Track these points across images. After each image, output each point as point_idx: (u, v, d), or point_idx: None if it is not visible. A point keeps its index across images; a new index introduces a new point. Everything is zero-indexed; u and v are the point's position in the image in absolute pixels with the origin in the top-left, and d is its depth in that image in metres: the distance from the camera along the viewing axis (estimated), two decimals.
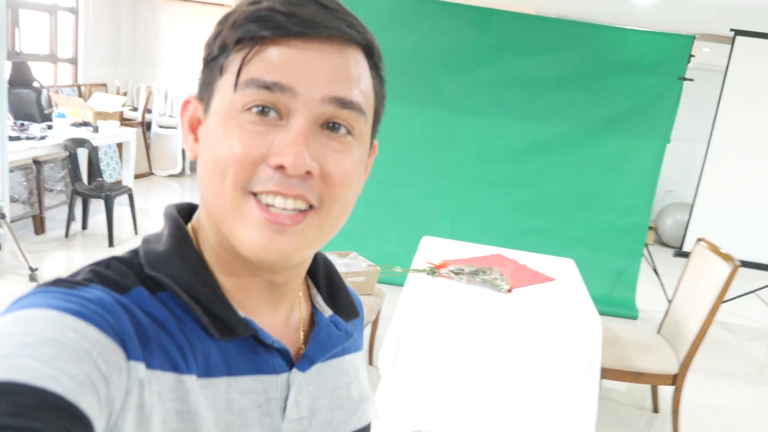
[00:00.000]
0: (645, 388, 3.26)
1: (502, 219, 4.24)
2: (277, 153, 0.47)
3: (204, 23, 7.25)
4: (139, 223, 4.98)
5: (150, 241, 0.54)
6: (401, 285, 2.76)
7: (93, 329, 0.42)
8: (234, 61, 0.49)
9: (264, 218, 0.48)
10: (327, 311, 0.62)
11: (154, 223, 5.15)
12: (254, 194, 0.49)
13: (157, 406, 0.46)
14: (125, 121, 6.24)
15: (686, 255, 6.37)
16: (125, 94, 7.03)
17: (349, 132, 0.51)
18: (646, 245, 4.48)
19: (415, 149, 4.27)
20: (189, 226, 0.56)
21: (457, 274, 2.71)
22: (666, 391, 3.27)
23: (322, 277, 0.65)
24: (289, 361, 0.56)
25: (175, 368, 0.47)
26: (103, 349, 0.42)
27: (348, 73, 0.50)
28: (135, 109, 6.83)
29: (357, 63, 0.51)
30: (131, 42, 7.38)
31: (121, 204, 5.02)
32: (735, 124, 4.18)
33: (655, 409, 3.06)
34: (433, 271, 2.74)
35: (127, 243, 4.51)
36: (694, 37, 4.17)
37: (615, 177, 4.16)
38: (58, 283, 0.46)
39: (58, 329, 0.41)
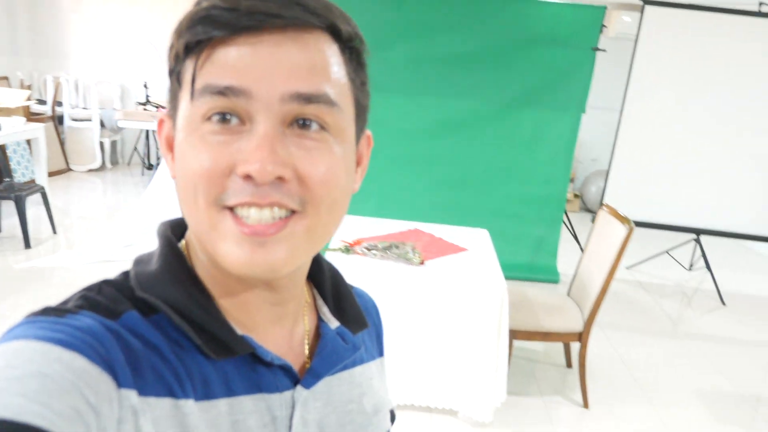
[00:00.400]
0: (560, 347, 3.49)
1: (424, 195, 4.39)
2: (243, 161, 0.45)
3: (110, 7, 7.00)
4: (60, 222, 4.88)
5: (141, 262, 0.53)
6: None
7: (80, 359, 0.41)
8: (187, 69, 0.47)
9: (241, 232, 0.46)
10: (333, 323, 0.61)
11: (76, 221, 5.05)
12: (230, 208, 0.47)
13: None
14: (34, 116, 6.04)
15: (591, 211, 6.69)
16: (29, 87, 6.77)
17: (322, 127, 0.48)
18: (566, 213, 4.73)
19: None
20: (183, 243, 0.55)
21: (370, 250, 2.83)
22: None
23: (329, 287, 0.63)
24: (293, 377, 0.54)
25: (170, 393, 0.46)
26: (92, 379, 0.41)
27: (309, 63, 0.47)
28: (43, 102, 6.60)
29: (320, 50, 0.48)
30: (31, 30, 7.03)
31: (37, 203, 4.90)
32: (646, 92, 4.43)
33: (568, 365, 3.29)
34: (348, 249, 2.86)
35: (45, 243, 4.43)
36: (605, 8, 4.37)
37: (533, 149, 4.36)
38: (47, 312, 0.45)
39: (43, 361, 0.40)
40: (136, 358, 0.46)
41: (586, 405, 2.92)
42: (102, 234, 4.74)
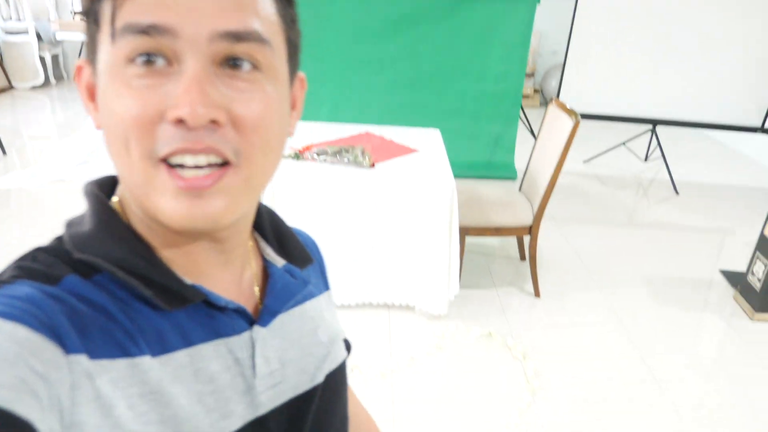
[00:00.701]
0: (515, 241, 3.62)
1: (378, 97, 4.34)
2: (173, 105, 0.43)
3: None
4: (10, 143, 4.75)
5: (73, 224, 0.51)
6: None
7: (22, 329, 0.40)
8: (105, 8, 0.44)
9: (177, 186, 0.45)
10: (279, 261, 0.61)
11: (27, 141, 4.91)
12: (165, 161, 0.45)
13: (116, 393, 0.44)
14: None
15: None
16: None
17: (255, 67, 0.46)
18: (523, 109, 4.74)
19: None
20: (115, 200, 0.53)
21: (320, 155, 2.84)
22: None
23: (269, 228, 0.63)
24: (248, 318, 0.54)
25: (125, 353, 0.45)
26: (36, 348, 0.40)
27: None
28: None
29: None
30: None
31: None
32: None
33: (522, 257, 3.43)
34: (298, 156, 2.86)
35: None
36: None
37: (486, 44, 4.29)
38: None
39: None
40: (82, 321, 0.44)
41: (537, 294, 3.08)
42: (55, 153, 4.64)
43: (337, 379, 0.63)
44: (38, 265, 0.47)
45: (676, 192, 4.72)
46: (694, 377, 2.57)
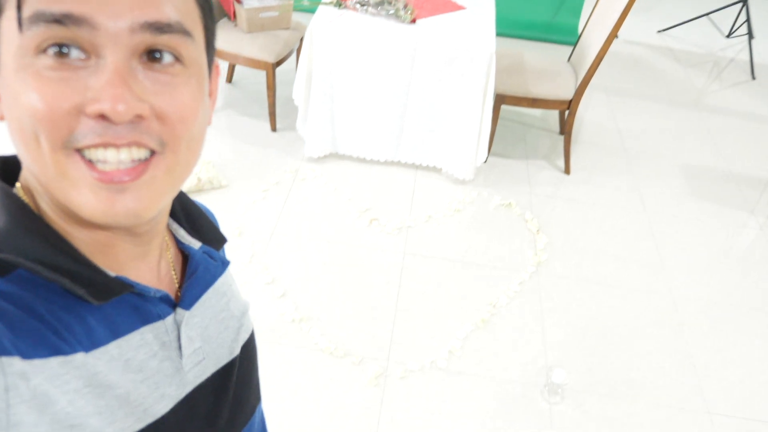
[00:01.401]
0: (556, 113, 3.57)
1: None
2: (94, 99, 0.41)
3: None
4: None
5: None
6: None
7: None
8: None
9: (94, 178, 0.43)
10: (195, 243, 0.61)
11: None
12: (79, 151, 0.43)
13: (54, 390, 0.43)
14: None
15: None
16: None
17: (177, 59, 0.45)
18: None
19: None
20: (18, 189, 0.50)
21: (362, 5, 2.80)
22: (579, 116, 3.60)
23: (179, 210, 0.62)
24: (170, 303, 0.55)
25: (57, 351, 0.44)
26: None
27: None
28: None
29: None
30: None
31: None
32: None
33: (562, 132, 3.41)
34: (340, 4, 2.82)
35: None
36: None
37: None
38: None
39: None
40: (11, 321, 0.42)
41: (567, 171, 3.11)
42: None
43: (250, 349, 0.67)
44: None
45: (753, 76, 4.41)
46: (704, 272, 2.65)
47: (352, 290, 2.34)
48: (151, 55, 0.44)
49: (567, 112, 2.97)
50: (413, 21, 2.74)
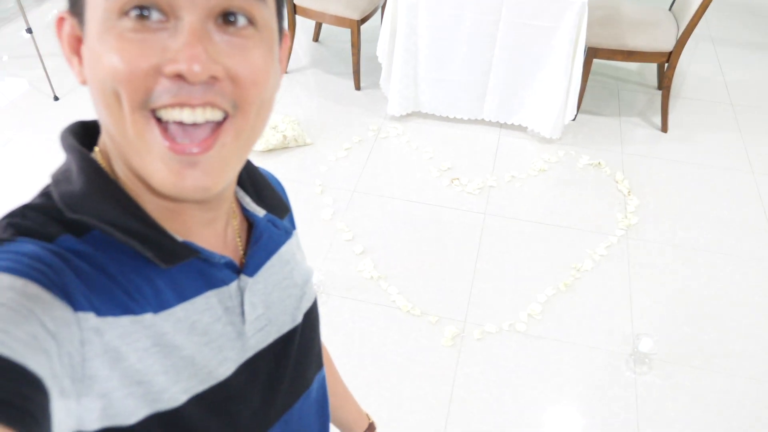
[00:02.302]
0: (654, 66, 3.26)
1: None
2: (172, 60, 0.42)
3: None
4: None
5: (61, 182, 0.49)
6: None
7: (33, 286, 0.40)
8: None
9: (166, 147, 0.43)
10: (260, 211, 0.61)
11: None
12: (158, 119, 0.44)
13: (125, 347, 0.45)
14: None
15: None
16: None
17: (250, 23, 0.45)
18: None
19: None
20: (96, 152, 0.51)
21: None
22: (680, 69, 3.27)
23: (245, 178, 0.63)
24: (235, 268, 0.55)
25: (127, 311, 0.46)
26: (47, 305, 0.40)
27: None
28: None
29: None
30: None
31: None
32: None
33: (660, 86, 3.11)
34: None
35: None
36: None
37: None
38: None
39: None
40: (87, 279, 0.44)
41: (664, 128, 2.85)
42: None
43: (312, 317, 0.66)
44: (30, 223, 0.46)
45: None
46: None
47: (431, 249, 2.27)
48: (226, 18, 0.44)
49: (666, 65, 2.70)
50: None
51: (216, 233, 0.55)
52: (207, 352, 0.52)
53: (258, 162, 2.82)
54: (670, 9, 2.85)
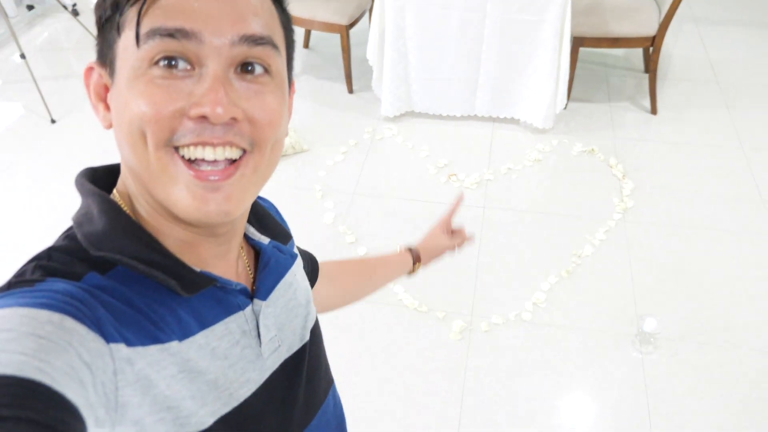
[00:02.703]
0: (640, 51, 3.28)
1: None
2: (197, 103, 0.46)
3: None
4: None
5: (83, 224, 0.52)
6: None
7: (69, 320, 0.42)
8: (131, 16, 0.47)
9: (191, 176, 0.47)
10: (265, 239, 0.64)
11: None
12: (178, 152, 0.48)
13: (154, 375, 0.47)
14: None
15: None
16: None
17: (266, 71, 0.50)
18: None
19: None
20: (115, 194, 0.55)
21: None
22: (665, 51, 3.29)
23: (248, 210, 0.65)
24: (248, 294, 0.58)
25: (155, 340, 0.48)
26: (82, 338, 0.42)
27: (253, 7, 0.48)
28: None
29: None
30: None
31: None
32: None
33: (646, 70, 3.14)
34: None
35: None
36: None
37: None
38: (14, 284, 0.46)
39: (34, 324, 0.41)
40: (115, 312, 0.47)
41: (654, 111, 2.87)
42: None
43: (317, 333, 0.69)
44: (57, 264, 0.48)
45: None
46: None
47: None
48: (245, 67, 0.49)
49: (651, 49, 2.72)
50: None
51: (229, 264, 0.59)
52: (230, 374, 0.54)
53: None
54: None
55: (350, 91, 3.09)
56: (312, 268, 0.82)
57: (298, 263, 0.69)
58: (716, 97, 2.99)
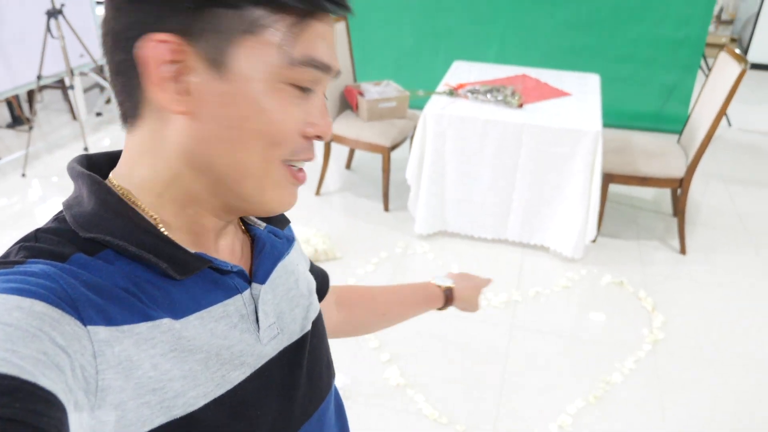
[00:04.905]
0: (668, 195, 3.36)
1: (548, 38, 4.15)
2: (313, 124, 0.51)
3: None
4: None
5: (73, 206, 0.50)
6: None
7: (40, 304, 0.41)
8: (277, 27, 0.47)
9: (295, 181, 0.53)
10: (261, 225, 0.63)
11: None
12: (285, 162, 0.52)
13: (141, 354, 0.45)
14: None
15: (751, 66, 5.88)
16: None
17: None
18: (704, 57, 4.25)
19: None
20: (111, 179, 0.53)
21: (472, 93, 2.86)
22: (694, 201, 3.36)
23: None
24: (246, 278, 0.57)
25: (146, 318, 0.46)
26: (55, 321, 0.41)
27: None
28: None
29: None
30: None
31: None
32: None
33: (675, 213, 3.19)
34: (452, 92, 2.91)
35: None
36: None
37: None
38: None
39: (2, 312, 0.39)
40: (101, 291, 0.45)
41: (683, 251, 2.88)
42: None
43: (320, 325, 0.67)
44: (43, 245, 0.47)
45: None
46: None
47: (458, 359, 2.23)
48: None
49: (679, 191, 2.79)
50: (520, 106, 2.76)
51: (226, 245, 0.58)
52: (225, 355, 0.52)
53: None
54: (678, 142, 3.00)
55: (386, 209, 3.20)
56: (322, 282, 0.80)
57: (296, 249, 0.69)
58: (745, 242, 3.00)
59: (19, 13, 3.78)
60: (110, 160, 0.56)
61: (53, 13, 3.71)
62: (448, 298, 0.99)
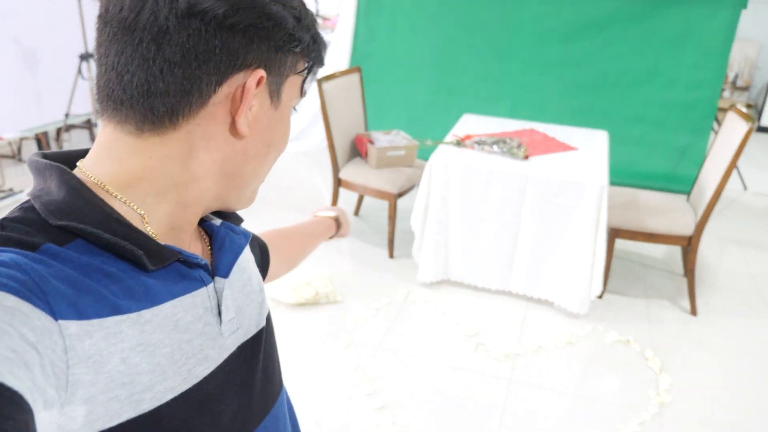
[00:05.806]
0: (678, 255, 3.26)
1: (559, 99, 4.18)
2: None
3: None
4: None
5: (42, 195, 0.49)
6: None
7: (10, 298, 0.39)
8: (304, 70, 0.58)
9: None
10: (216, 221, 0.63)
11: None
12: None
13: (111, 349, 0.45)
14: None
15: (765, 130, 5.84)
16: None
17: None
18: (717, 121, 4.22)
19: (469, 33, 4.26)
20: (91, 177, 0.51)
21: (479, 144, 2.86)
22: (701, 256, 3.26)
23: None
24: (209, 272, 0.57)
25: (114, 311, 0.46)
26: (25, 316, 0.39)
27: None
28: None
29: None
30: None
31: None
32: None
33: (685, 273, 3.08)
34: (459, 143, 2.91)
35: None
36: None
37: (679, 50, 3.90)
38: None
39: None
40: (71, 283, 0.44)
41: (693, 312, 2.76)
42: None
43: (270, 323, 0.68)
44: (12, 233, 0.45)
45: None
46: None
47: (453, 410, 2.13)
48: None
49: (689, 248, 2.70)
50: (526, 158, 2.74)
51: (191, 238, 0.58)
52: (188, 349, 0.52)
53: (289, 315, 2.83)
54: (687, 200, 2.94)
55: (391, 255, 3.16)
56: (263, 255, 0.84)
57: (247, 247, 0.69)
58: (758, 305, 2.87)
59: (54, 56, 3.94)
60: (67, 158, 0.55)
61: (86, 56, 3.86)
62: (337, 225, 1.12)
